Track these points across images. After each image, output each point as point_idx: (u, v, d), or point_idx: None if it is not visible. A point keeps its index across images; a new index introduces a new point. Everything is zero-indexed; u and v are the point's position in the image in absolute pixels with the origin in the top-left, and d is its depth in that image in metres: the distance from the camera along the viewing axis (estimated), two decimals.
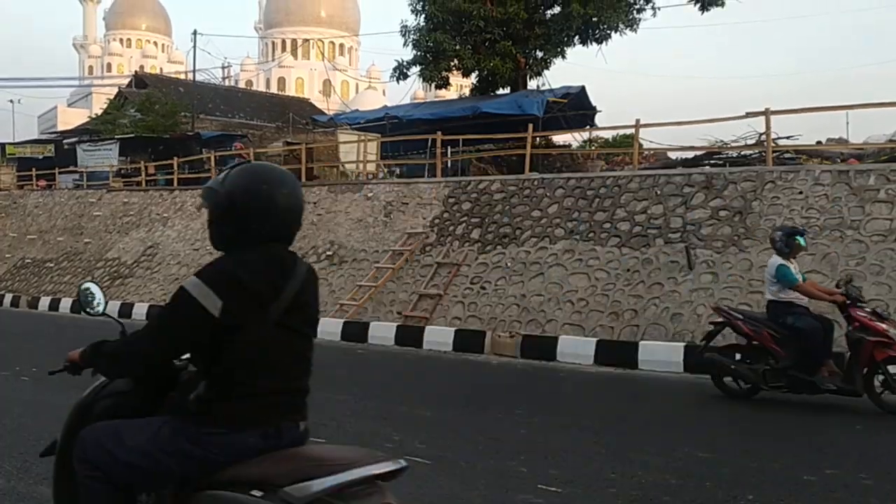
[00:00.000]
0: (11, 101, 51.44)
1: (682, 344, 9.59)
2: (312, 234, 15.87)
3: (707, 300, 10.26)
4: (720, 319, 7.83)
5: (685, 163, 16.06)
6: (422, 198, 15.13)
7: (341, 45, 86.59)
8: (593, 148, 23.94)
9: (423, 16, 21.47)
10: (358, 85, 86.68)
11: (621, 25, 20.89)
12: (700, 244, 11.21)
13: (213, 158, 22.21)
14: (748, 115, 13.29)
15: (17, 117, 50.84)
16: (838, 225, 10.50)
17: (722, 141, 16.21)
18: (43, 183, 27.24)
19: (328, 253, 15.17)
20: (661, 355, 9.52)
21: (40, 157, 31.70)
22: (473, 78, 23.63)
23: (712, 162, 15.38)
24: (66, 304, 17.38)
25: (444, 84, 23.44)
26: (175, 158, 22.79)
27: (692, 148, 15.92)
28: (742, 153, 15.23)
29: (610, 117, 54.30)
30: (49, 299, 18.25)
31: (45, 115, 76.10)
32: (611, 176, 13.60)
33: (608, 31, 21.07)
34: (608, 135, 29.79)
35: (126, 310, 15.84)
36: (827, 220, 10.64)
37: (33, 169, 28.18)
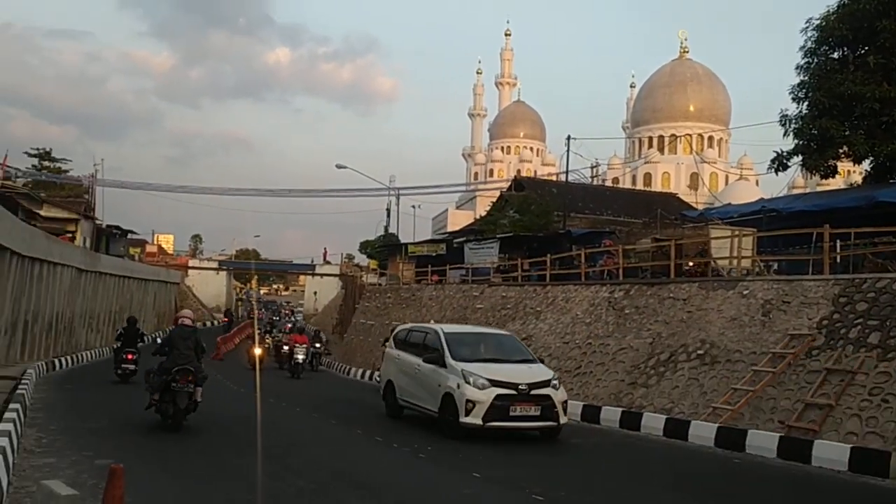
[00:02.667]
0: (413, 206, 60.01)
1: None
2: (682, 332, 15.44)
3: None
4: None
5: None
6: (806, 296, 13.85)
7: (710, 138, 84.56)
8: None
9: (806, 103, 20.13)
10: (728, 177, 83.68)
11: None
12: None
13: (583, 255, 23.09)
14: None
15: (416, 220, 58.93)
16: None
17: None
18: (436, 277, 30.92)
19: (699, 352, 14.57)
20: None
21: (434, 254, 36.18)
22: (866, 164, 21.29)
23: None
24: None
25: (831, 173, 21.48)
26: (547, 255, 24.17)
27: None
28: None
29: None
30: None
31: (437, 217, 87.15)
32: None
33: None
34: None
35: None
36: None
37: (428, 265, 32.20)
